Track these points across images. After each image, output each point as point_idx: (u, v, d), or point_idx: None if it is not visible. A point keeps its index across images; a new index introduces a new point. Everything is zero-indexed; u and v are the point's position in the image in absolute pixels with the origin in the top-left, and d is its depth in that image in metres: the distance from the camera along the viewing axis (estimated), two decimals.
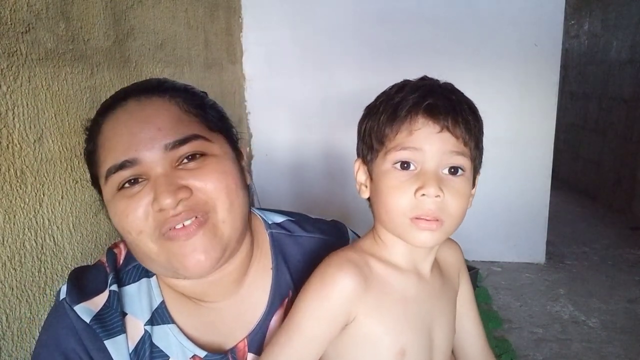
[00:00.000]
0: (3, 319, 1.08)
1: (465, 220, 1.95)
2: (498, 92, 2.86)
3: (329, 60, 2.89)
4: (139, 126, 0.64)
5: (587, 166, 4.58)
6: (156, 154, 0.62)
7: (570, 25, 4.88)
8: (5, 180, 1.08)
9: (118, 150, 0.63)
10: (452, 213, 0.62)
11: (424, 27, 2.82)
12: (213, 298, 0.71)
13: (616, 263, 3.01)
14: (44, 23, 1.20)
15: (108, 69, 1.48)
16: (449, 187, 0.61)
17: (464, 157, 0.62)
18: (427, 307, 0.69)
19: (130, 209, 0.62)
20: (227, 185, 0.65)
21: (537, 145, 2.90)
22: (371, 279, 0.64)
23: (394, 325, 0.66)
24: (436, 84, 0.67)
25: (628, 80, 3.89)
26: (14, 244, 1.11)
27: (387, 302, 0.66)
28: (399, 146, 0.62)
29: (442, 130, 0.61)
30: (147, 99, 0.67)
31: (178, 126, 0.64)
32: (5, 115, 1.08)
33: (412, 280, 0.68)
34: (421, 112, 0.62)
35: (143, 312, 0.69)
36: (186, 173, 0.63)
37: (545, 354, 2.08)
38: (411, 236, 0.63)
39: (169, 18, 1.96)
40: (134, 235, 0.63)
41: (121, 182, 0.63)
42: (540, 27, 2.76)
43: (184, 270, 0.63)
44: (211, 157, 0.65)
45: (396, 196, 0.62)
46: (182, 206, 0.61)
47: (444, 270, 0.75)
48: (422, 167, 0.61)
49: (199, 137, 0.65)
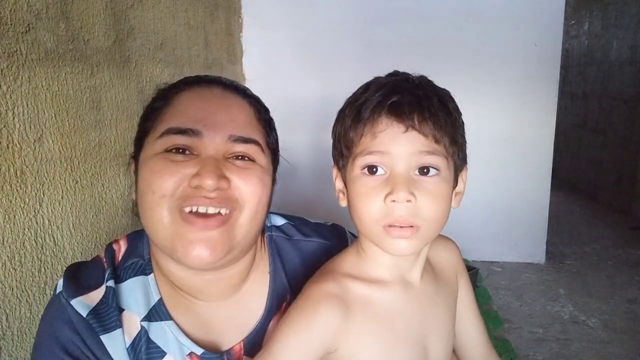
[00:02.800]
0: (3, 319, 1.08)
1: (465, 220, 1.96)
2: (498, 92, 2.86)
3: (329, 60, 2.89)
4: (217, 108, 0.67)
5: (587, 166, 4.58)
6: (218, 138, 0.65)
7: (570, 25, 4.88)
8: (5, 180, 1.08)
9: (189, 116, 0.66)
10: (427, 217, 0.58)
11: (424, 27, 2.82)
12: (209, 297, 0.72)
13: (616, 263, 3.01)
14: (44, 23, 1.20)
15: (108, 69, 1.48)
16: (422, 189, 0.57)
17: (436, 155, 0.58)
18: (419, 318, 0.66)
19: (168, 170, 0.63)
20: (260, 195, 0.68)
21: (537, 145, 2.90)
22: (352, 305, 0.61)
23: (381, 347, 0.63)
24: (403, 79, 0.63)
25: (628, 80, 3.89)
26: (14, 244, 1.11)
27: (372, 325, 0.62)
28: (365, 151, 0.59)
29: (407, 130, 0.57)
30: (232, 92, 0.71)
31: (248, 126, 0.69)
32: (5, 115, 1.08)
33: (399, 292, 0.64)
34: (385, 112, 0.58)
35: (140, 308, 0.69)
36: (233, 167, 0.66)
37: (545, 354, 2.08)
38: (386, 245, 0.59)
39: (169, 18, 1.96)
40: (157, 196, 0.63)
41: (172, 146, 0.65)
42: (540, 27, 2.76)
43: (183, 255, 0.63)
44: (258, 166, 0.68)
45: (366, 203, 0.59)
46: (216, 193, 0.63)
47: (439, 273, 0.71)
48: (391, 171, 0.58)
49: (258, 144, 0.69)
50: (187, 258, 0.63)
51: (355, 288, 0.63)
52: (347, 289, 0.63)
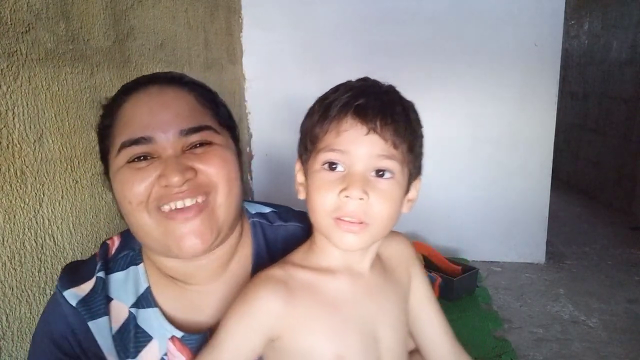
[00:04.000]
0: (3, 319, 1.08)
1: (465, 221, 1.97)
2: (498, 92, 2.86)
3: (329, 60, 2.89)
4: (159, 109, 0.69)
5: (587, 166, 4.58)
6: (170, 136, 0.68)
7: (570, 25, 4.88)
8: (5, 180, 1.08)
9: (136, 126, 0.68)
10: (376, 216, 0.61)
11: (424, 27, 2.82)
12: (199, 281, 0.75)
13: (616, 263, 3.01)
14: (44, 23, 1.20)
15: (108, 69, 1.48)
16: (375, 189, 0.60)
17: (393, 160, 0.61)
18: (367, 306, 0.68)
19: (137, 179, 0.67)
20: (228, 172, 0.70)
21: (537, 145, 2.90)
22: (296, 292, 0.64)
23: (327, 333, 0.65)
24: (372, 84, 0.66)
25: (628, 80, 3.89)
26: (14, 244, 1.11)
27: (317, 311, 0.65)
28: (328, 147, 0.62)
29: (369, 133, 0.60)
30: (168, 87, 0.72)
31: (194, 115, 0.71)
32: (5, 115, 1.08)
33: (346, 282, 0.67)
34: (350, 113, 0.61)
35: (128, 297, 0.73)
36: (193, 156, 0.68)
37: (545, 354, 2.08)
38: (336, 238, 0.62)
39: (169, 18, 1.96)
40: (134, 205, 0.67)
41: (132, 157, 0.68)
42: (540, 27, 2.76)
43: (178, 250, 0.67)
44: (217, 146, 0.71)
45: (321, 194, 0.62)
46: (186, 185, 0.66)
47: (388, 266, 0.74)
48: (349, 169, 0.61)
49: (210, 128, 0.71)
50: (182, 251, 0.67)
51: (301, 275, 0.66)
52: (292, 276, 0.66)
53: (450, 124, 2.91)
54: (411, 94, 0.68)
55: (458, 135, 2.92)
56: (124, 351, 0.71)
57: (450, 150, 2.94)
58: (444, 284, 2.41)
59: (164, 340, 0.72)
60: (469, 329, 2.23)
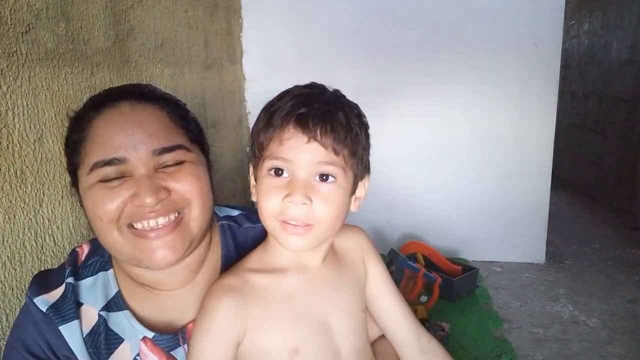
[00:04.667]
0: (3, 319, 1.08)
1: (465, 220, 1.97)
2: (498, 92, 2.85)
3: (329, 60, 2.89)
4: (132, 129, 0.69)
5: (587, 166, 4.58)
6: (143, 156, 0.68)
7: (570, 25, 4.88)
8: (5, 180, 1.08)
9: (108, 146, 0.68)
10: (320, 218, 0.65)
11: (424, 27, 2.82)
12: (169, 287, 0.77)
13: (616, 263, 3.01)
14: (44, 23, 1.20)
15: (108, 69, 1.48)
16: (318, 193, 0.64)
17: (334, 166, 0.65)
18: (316, 297, 0.72)
19: (108, 198, 0.67)
20: (200, 187, 0.72)
21: (537, 145, 2.90)
22: (251, 295, 0.68)
23: (280, 329, 0.69)
24: (316, 92, 0.69)
25: (628, 80, 3.89)
26: (14, 244, 1.11)
27: (271, 310, 0.69)
28: (272, 155, 0.65)
29: (310, 141, 0.63)
30: (139, 104, 0.72)
31: (166, 134, 0.71)
32: (5, 115, 1.08)
33: (296, 277, 0.71)
34: (292, 122, 0.64)
35: (98, 301, 0.75)
36: (166, 176, 0.70)
37: (545, 354, 2.08)
38: (282, 240, 0.66)
39: (169, 18, 1.96)
40: (105, 222, 0.68)
41: (104, 177, 0.68)
42: (540, 27, 2.76)
43: (150, 263, 0.69)
44: (188, 163, 0.73)
45: (267, 199, 0.66)
46: (160, 205, 0.68)
47: (343, 258, 0.78)
48: (293, 175, 0.64)
49: (182, 147, 0.72)
50: (153, 264, 0.69)
51: (255, 279, 0.70)
52: (246, 281, 0.70)
53: (450, 123, 2.91)
54: (411, 94, 0.68)
55: (458, 135, 2.92)
56: (96, 354, 0.72)
57: (450, 150, 2.94)
58: (444, 284, 2.41)
59: (135, 341, 0.74)
60: (469, 329, 2.23)
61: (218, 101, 2.56)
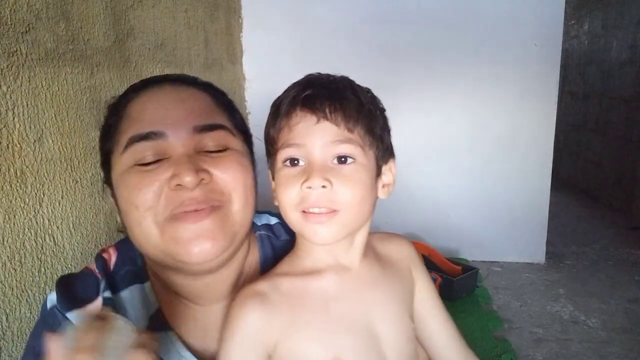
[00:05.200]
0: (3, 319, 1.08)
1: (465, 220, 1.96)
2: (498, 92, 2.86)
3: (328, 60, 2.89)
4: (172, 104, 0.64)
5: (587, 166, 4.58)
6: (183, 133, 0.62)
7: (570, 25, 4.88)
8: (5, 180, 1.08)
9: (146, 120, 0.62)
10: (343, 201, 0.59)
11: (424, 27, 2.82)
12: (208, 301, 0.70)
13: (616, 263, 3.01)
14: (44, 23, 1.20)
15: (108, 69, 1.48)
16: (339, 175, 0.59)
17: (350, 144, 0.59)
18: (359, 301, 0.65)
19: (145, 182, 0.60)
20: (245, 179, 0.65)
21: (537, 145, 2.90)
22: (281, 301, 0.62)
23: (318, 337, 0.62)
24: (321, 76, 0.65)
25: (628, 80, 3.89)
26: (14, 244, 1.11)
27: (306, 316, 0.62)
28: (284, 144, 0.61)
29: (320, 121, 0.59)
30: (182, 85, 0.68)
31: (209, 113, 0.66)
32: (5, 115, 1.08)
33: (333, 278, 0.64)
34: (299, 106, 0.60)
35: (139, 318, 0.67)
36: (209, 159, 0.63)
37: (545, 354, 2.08)
38: (307, 232, 0.61)
39: (169, 18, 1.96)
40: (142, 211, 0.60)
41: (139, 158, 0.61)
42: (540, 27, 2.76)
43: (187, 255, 0.60)
44: (233, 151, 0.66)
45: (285, 190, 0.61)
46: (199, 190, 0.60)
47: (387, 262, 0.71)
48: (309, 161, 0.60)
49: (225, 128, 0.66)
50: (190, 257, 0.60)
51: (287, 283, 0.64)
52: (276, 287, 0.64)
53: (450, 123, 2.91)
54: (411, 94, 0.67)
55: (458, 135, 2.92)
56: None
57: (450, 150, 2.94)
58: (444, 284, 2.41)
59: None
60: (469, 329, 2.23)
61: None
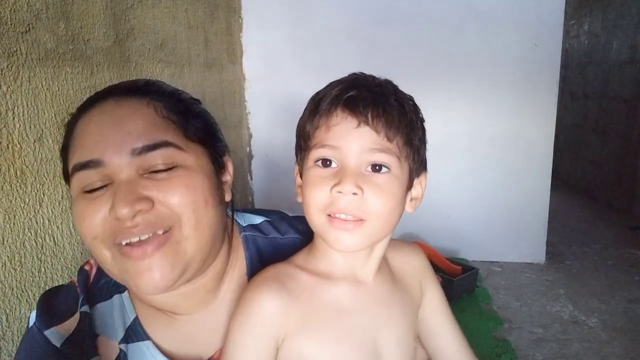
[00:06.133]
0: (3, 319, 1.08)
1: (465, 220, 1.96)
2: (498, 92, 2.86)
3: (329, 60, 2.89)
4: (109, 127, 0.60)
5: (587, 166, 4.58)
6: (123, 158, 0.59)
7: (570, 25, 4.88)
8: (5, 180, 1.08)
9: (86, 148, 0.60)
10: (372, 210, 0.57)
11: (424, 27, 2.82)
12: (187, 310, 0.68)
13: (616, 263, 3.01)
14: (44, 23, 1.20)
15: (108, 69, 1.48)
16: (370, 183, 0.57)
17: (388, 154, 0.57)
18: (369, 317, 0.63)
19: (88, 212, 0.59)
20: (194, 200, 0.60)
21: (537, 145, 2.90)
22: (297, 292, 0.60)
23: (324, 343, 0.60)
24: (365, 77, 0.63)
25: (628, 80, 3.89)
26: (14, 244, 1.11)
27: (317, 317, 0.61)
28: (319, 144, 0.59)
29: (360, 125, 0.57)
30: (125, 100, 0.63)
31: (150, 131, 0.61)
32: (5, 115, 1.08)
33: (348, 289, 0.63)
34: (340, 106, 0.58)
35: (116, 330, 0.66)
36: (151, 183, 0.59)
37: (545, 354, 2.08)
38: (331, 237, 0.58)
39: (169, 18, 1.96)
40: (89, 240, 0.60)
41: (86, 185, 0.60)
42: (540, 27, 2.76)
43: (136, 288, 0.60)
44: (182, 169, 0.61)
45: (313, 191, 0.58)
46: (140, 218, 0.57)
47: (399, 277, 0.69)
48: (342, 164, 0.57)
49: (170, 145, 0.61)
50: (140, 289, 0.59)
51: (302, 276, 0.62)
52: (292, 276, 0.62)
53: (450, 123, 2.91)
54: (411, 94, 0.67)
55: (458, 135, 2.92)
56: None
57: (450, 150, 2.94)
58: (444, 284, 2.41)
59: None
60: (469, 329, 2.23)
61: (218, 101, 2.56)
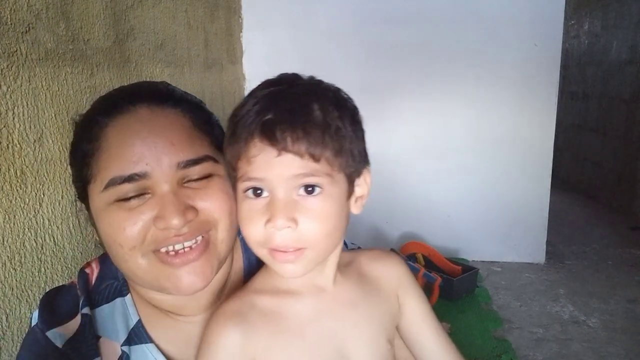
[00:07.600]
0: (3, 319, 1.08)
1: (465, 220, 1.96)
2: (498, 92, 2.86)
3: (329, 60, 2.89)
4: (152, 138, 0.60)
5: (587, 166, 4.58)
6: (167, 170, 0.60)
7: (570, 25, 4.88)
8: (5, 180, 1.08)
9: (127, 160, 0.59)
10: (311, 237, 0.55)
11: (424, 27, 2.82)
12: (192, 311, 0.70)
13: (616, 263, 3.01)
14: (44, 23, 1.20)
15: (108, 69, 1.48)
16: (304, 210, 0.55)
17: (316, 176, 0.54)
18: (334, 321, 0.63)
19: (129, 222, 0.59)
20: (230, 206, 0.63)
21: (537, 145, 2.90)
22: (259, 319, 0.60)
23: (294, 358, 0.61)
24: (283, 88, 0.58)
25: (628, 80, 3.89)
26: (14, 244, 1.11)
27: (282, 338, 0.60)
28: (244, 176, 0.56)
29: (280, 154, 0.53)
30: (159, 108, 0.63)
31: (191, 144, 0.62)
32: (5, 115, 1.08)
33: (309, 300, 0.63)
34: (257, 134, 0.54)
35: (118, 333, 0.67)
36: (192, 192, 0.61)
37: (545, 354, 2.08)
38: (276, 268, 0.58)
39: (169, 18, 1.96)
40: (126, 249, 0.60)
41: (122, 196, 0.59)
42: (540, 27, 2.76)
43: (176, 290, 0.62)
44: (217, 178, 0.64)
45: (249, 227, 0.57)
46: (187, 227, 0.60)
47: (370, 283, 0.68)
48: (271, 193, 0.55)
49: (210, 159, 0.63)
50: (180, 291, 0.62)
51: (262, 302, 0.62)
52: (253, 305, 0.61)
53: (450, 123, 2.91)
54: (411, 94, 0.67)
55: (458, 135, 2.93)
56: None
57: (450, 150, 2.94)
58: (444, 284, 2.41)
59: None
60: (469, 329, 2.23)
61: (218, 101, 2.55)
